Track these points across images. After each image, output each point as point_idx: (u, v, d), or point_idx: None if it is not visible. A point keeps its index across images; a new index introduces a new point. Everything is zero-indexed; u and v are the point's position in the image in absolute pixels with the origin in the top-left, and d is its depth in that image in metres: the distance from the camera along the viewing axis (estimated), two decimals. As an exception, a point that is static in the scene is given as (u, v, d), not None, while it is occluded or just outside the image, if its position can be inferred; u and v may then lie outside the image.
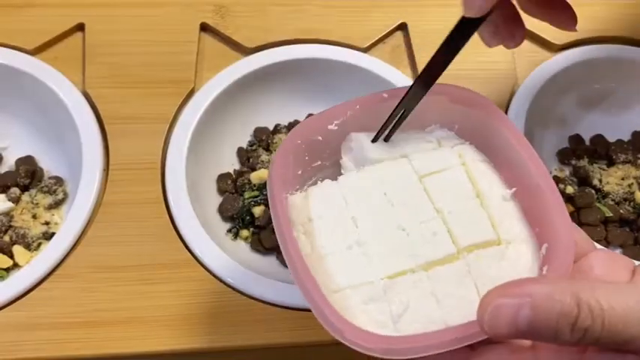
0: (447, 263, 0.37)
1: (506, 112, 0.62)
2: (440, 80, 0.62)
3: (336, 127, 0.41)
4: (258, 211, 0.59)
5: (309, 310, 0.50)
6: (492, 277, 0.36)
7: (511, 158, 0.39)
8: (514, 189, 0.39)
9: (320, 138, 0.40)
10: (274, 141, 0.64)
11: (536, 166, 0.37)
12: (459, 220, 0.38)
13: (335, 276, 0.36)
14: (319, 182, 0.41)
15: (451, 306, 0.35)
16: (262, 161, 0.62)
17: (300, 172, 0.41)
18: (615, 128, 0.69)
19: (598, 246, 0.40)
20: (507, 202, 0.39)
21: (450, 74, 0.63)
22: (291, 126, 0.66)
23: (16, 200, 0.59)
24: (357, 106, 0.40)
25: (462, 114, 0.41)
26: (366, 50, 0.65)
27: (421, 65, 0.64)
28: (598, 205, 0.63)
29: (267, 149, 0.64)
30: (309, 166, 0.41)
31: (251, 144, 0.65)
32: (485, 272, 0.36)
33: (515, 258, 0.37)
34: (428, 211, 0.38)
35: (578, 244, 0.36)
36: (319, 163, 0.41)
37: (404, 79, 0.63)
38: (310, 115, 0.66)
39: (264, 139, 0.64)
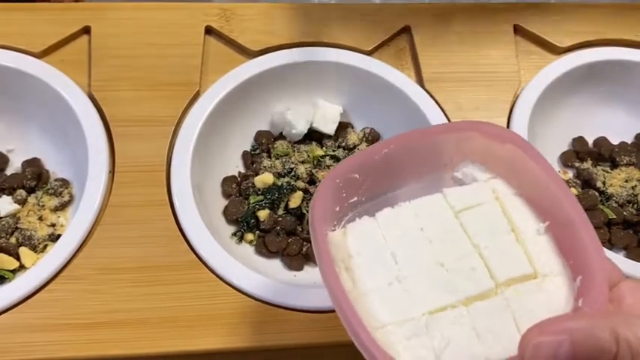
0: (486, 298, 0.37)
1: (509, 115, 0.62)
2: (445, 85, 0.63)
3: (373, 165, 0.41)
4: (262, 214, 0.59)
5: (313, 312, 0.51)
6: (531, 311, 0.36)
7: (542, 191, 0.39)
8: (547, 222, 0.39)
9: (357, 176, 0.41)
10: (275, 146, 0.64)
11: (568, 199, 0.38)
12: (495, 255, 0.38)
13: (377, 312, 0.36)
14: (357, 218, 0.41)
15: (492, 341, 0.36)
16: (264, 167, 0.62)
17: (337, 209, 0.41)
18: (619, 130, 0.70)
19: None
20: (541, 235, 0.39)
21: (454, 77, 0.64)
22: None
23: (23, 202, 0.59)
24: (392, 145, 0.41)
25: (492, 149, 0.41)
26: (370, 53, 0.65)
27: (425, 68, 0.64)
28: (601, 207, 0.63)
29: (269, 153, 0.64)
30: (346, 202, 0.42)
31: (254, 148, 0.65)
32: (523, 306, 0.37)
33: (552, 291, 0.37)
34: (465, 247, 0.39)
35: (609, 274, 0.36)
36: (355, 199, 0.42)
37: (408, 82, 0.63)
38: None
39: (264, 143, 0.64)
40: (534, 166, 0.39)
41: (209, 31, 0.65)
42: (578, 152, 0.68)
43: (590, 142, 0.69)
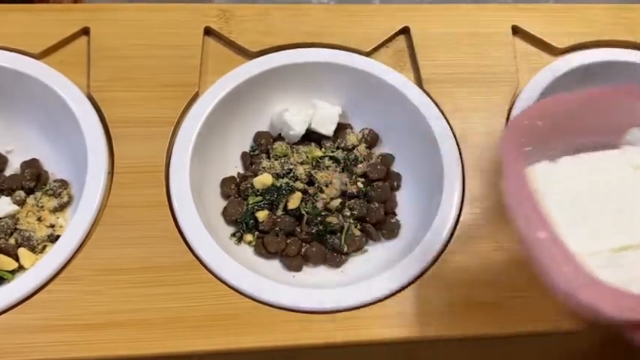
0: None
1: (508, 116, 0.63)
2: (444, 86, 0.63)
3: (558, 114, 0.44)
4: (262, 215, 0.59)
5: (312, 312, 0.51)
6: None
7: None
8: None
9: (539, 123, 0.43)
10: (274, 147, 0.64)
11: None
12: None
13: (566, 242, 0.38)
14: (536, 163, 0.44)
15: None
16: (264, 167, 0.62)
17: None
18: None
19: None
20: None
21: (453, 78, 0.64)
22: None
23: (22, 203, 0.59)
24: (581, 99, 0.43)
25: None
26: (369, 54, 0.66)
27: (423, 69, 0.64)
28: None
29: (268, 154, 0.64)
30: (522, 149, 0.43)
31: (253, 149, 0.65)
32: None
33: None
34: None
35: None
36: (530, 148, 0.44)
37: (407, 83, 0.63)
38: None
39: (263, 144, 0.64)
40: None
41: (208, 32, 0.65)
42: (577, 153, 0.68)
43: (589, 142, 0.70)
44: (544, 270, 0.37)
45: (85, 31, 0.63)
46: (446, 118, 0.62)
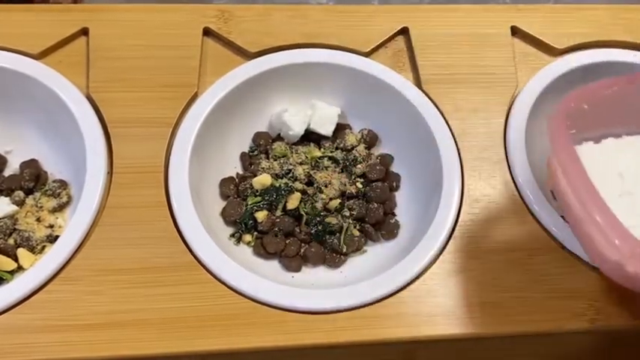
0: None
1: (507, 117, 0.63)
2: (443, 87, 0.63)
3: (602, 98, 0.47)
4: (261, 216, 0.59)
5: (311, 313, 0.51)
6: None
7: None
8: None
9: (586, 107, 0.46)
10: (273, 147, 0.64)
11: None
12: None
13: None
14: (583, 142, 0.47)
15: None
16: (263, 168, 0.62)
17: None
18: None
19: None
20: None
21: (452, 78, 0.64)
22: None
23: (21, 203, 0.59)
24: (625, 82, 0.46)
25: None
26: (368, 55, 0.66)
27: (422, 69, 0.64)
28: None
29: (267, 154, 0.64)
30: (568, 132, 0.45)
31: (252, 149, 0.65)
32: None
33: None
34: None
35: None
36: (574, 131, 0.46)
37: (406, 84, 0.63)
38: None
39: (262, 144, 0.64)
40: None
41: (207, 32, 0.65)
42: (576, 153, 0.68)
43: (588, 143, 0.70)
44: (592, 242, 0.39)
45: (84, 32, 0.63)
46: (445, 118, 0.62)
